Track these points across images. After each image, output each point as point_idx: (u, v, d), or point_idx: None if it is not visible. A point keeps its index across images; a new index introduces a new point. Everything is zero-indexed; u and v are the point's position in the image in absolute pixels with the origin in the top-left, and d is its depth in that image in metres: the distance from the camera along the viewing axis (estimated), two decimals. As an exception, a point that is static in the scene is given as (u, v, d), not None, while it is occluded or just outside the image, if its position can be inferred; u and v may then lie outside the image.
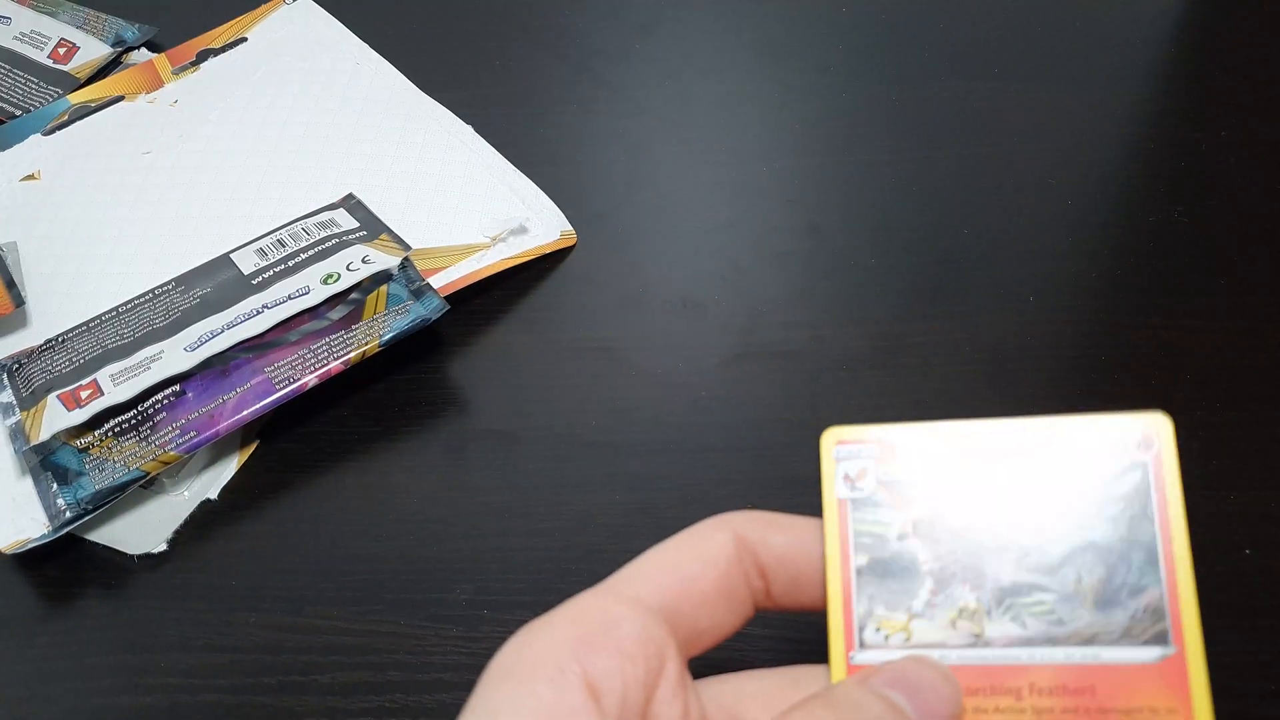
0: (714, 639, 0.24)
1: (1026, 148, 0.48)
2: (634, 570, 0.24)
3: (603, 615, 0.22)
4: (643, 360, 0.42)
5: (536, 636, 0.22)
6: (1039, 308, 0.43)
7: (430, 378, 0.42)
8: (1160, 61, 0.52)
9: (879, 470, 0.23)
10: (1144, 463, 0.22)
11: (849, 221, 0.46)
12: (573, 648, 0.21)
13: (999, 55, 0.53)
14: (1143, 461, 0.22)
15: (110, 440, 0.38)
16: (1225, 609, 0.34)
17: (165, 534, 0.38)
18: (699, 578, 0.23)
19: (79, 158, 0.51)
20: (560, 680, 0.20)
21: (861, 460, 0.23)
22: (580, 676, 0.21)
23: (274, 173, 0.49)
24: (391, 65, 0.54)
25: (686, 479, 0.39)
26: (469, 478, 0.39)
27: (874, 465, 0.23)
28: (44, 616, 0.37)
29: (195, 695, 0.35)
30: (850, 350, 0.42)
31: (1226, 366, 0.40)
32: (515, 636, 0.22)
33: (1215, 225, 0.45)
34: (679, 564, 0.23)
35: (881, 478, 0.23)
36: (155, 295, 0.42)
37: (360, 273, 0.41)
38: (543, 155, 0.49)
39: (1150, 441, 0.22)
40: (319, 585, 0.37)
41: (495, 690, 0.21)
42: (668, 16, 0.56)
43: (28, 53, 0.56)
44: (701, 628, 0.23)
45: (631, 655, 0.21)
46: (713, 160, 0.49)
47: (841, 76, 0.52)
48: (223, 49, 0.55)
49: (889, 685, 0.21)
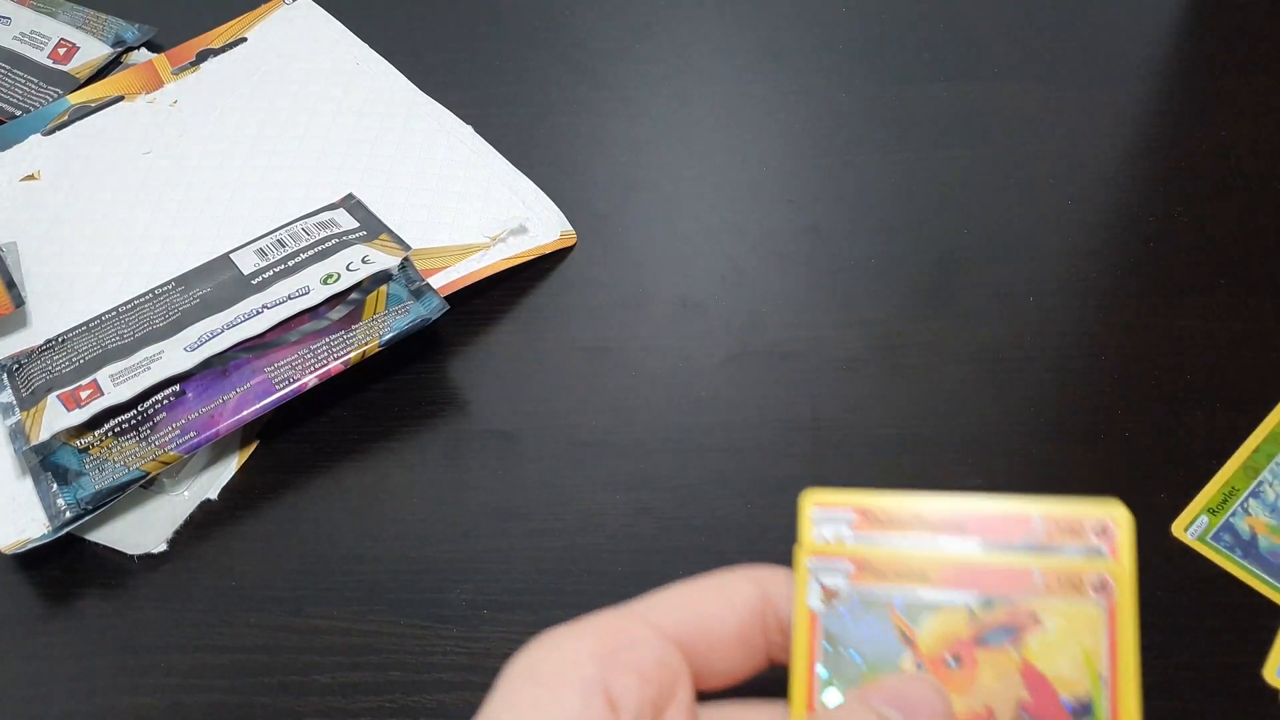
0: (727, 681, 0.24)
1: (1026, 148, 0.48)
2: (657, 600, 0.24)
3: (626, 634, 0.23)
4: (643, 360, 0.42)
5: (561, 645, 0.22)
6: (1039, 308, 0.43)
7: (430, 378, 0.42)
8: (1160, 61, 0.52)
9: (855, 581, 0.23)
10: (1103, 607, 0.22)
11: (849, 221, 0.46)
12: (597, 660, 0.22)
13: (999, 55, 0.53)
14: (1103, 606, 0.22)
15: (110, 440, 0.38)
16: (1226, 609, 0.34)
17: (165, 534, 0.39)
18: (719, 622, 0.24)
19: (79, 158, 0.51)
20: (586, 690, 0.21)
21: (835, 569, 0.23)
22: (603, 689, 0.21)
23: (274, 173, 0.49)
24: (391, 65, 0.54)
25: (686, 479, 0.39)
26: (469, 478, 0.39)
27: (845, 581, 0.23)
28: (44, 616, 0.37)
29: (195, 695, 0.35)
30: (850, 350, 0.42)
31: (1226, 366, 0.40)
32: (538, 641, 0.22)
33: (1215, 225, 0.45)
34: (701, 605, 0.24)
35: (857, 586, 0.23)
36: (155, 295, 0.42)
37: (360, 273, 0.41)
38: (543, 155, 0.49)
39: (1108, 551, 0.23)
40: (319, 585, 0.37)
41: (518, 692, 0.21)
42: (668, 16, 0.56)
43: (28, 53, 0.56)
44: (716, 669, 0.24)
45: (649, 677, 0.22)
46: (713, 160, 0.49)
47: (841, 76, 0.52)
48: (223, 49, 0.55)
49: (886, 702, 0.22)
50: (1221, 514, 0.36)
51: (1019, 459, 0.38)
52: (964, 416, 0.40)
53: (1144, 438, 0.38)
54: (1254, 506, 0.36)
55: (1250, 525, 0.36)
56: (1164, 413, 0.39)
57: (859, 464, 0.38)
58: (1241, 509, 0.36)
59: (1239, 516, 0.36)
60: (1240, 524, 0.36)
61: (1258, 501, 0.36)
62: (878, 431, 0.39)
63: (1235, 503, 0.36)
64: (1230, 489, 0.36)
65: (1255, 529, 0.36)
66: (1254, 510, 0.36)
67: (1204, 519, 0.36)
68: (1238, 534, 0.35)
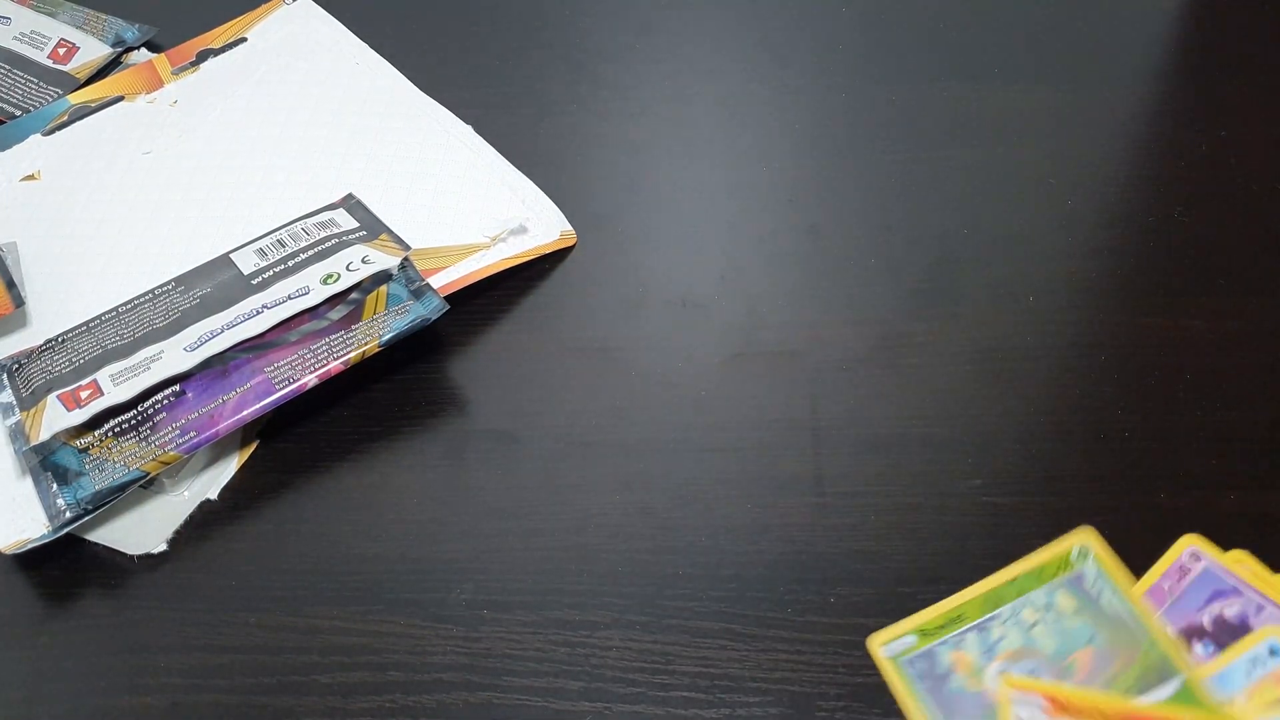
0: None
1: (1026, 148, 0.48)
2: None
3: None
4: (643, 360, 0.42)
5: None
6: (1039, 308, 0.43)
7: (430, 378, 0.42)
8: (1160, 61, 0.52)
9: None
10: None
11: (849, 221, 0.46)
12: None
13: (999, 56, 0.53)
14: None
15: (110, 440, 0.38)
16: None
17: (165, 534, 0.38)
18: None
19: (79, 158, 0.51)
20: None
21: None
22: None
23: (274, 173, 0.49)
24: (391, 65, 0.54)
25: (686, 479, 0.39)
26: (468, 478, 0.39)
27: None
28: (44, 616, 0.37)
29: (195, 695, 0.35)
30: (850, 350, 0.42)
31: (1226, 366, 0.40)
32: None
33: (1215, 225, 0.45)
34: None
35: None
36: (155, 295, 0.42)
37: (360, 273, 0.41)
38: (543, 155, 0.49)
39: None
40: (319, 585, 0.37)
41: None
42: (668, 16, 0.56)
43: (28, 53, 0.56)
44: None
45: None
46: (713, 160, 0.49)
47: (841, 76, 0.52)
48: (223, 49, 0.55)
49: None
50: (931, 639, 0.31)
51: (1019, 459, 0.38)
52: (964, 416, 0.40)
53: (1144, 438, 0.38)
54: (970, 641, 0.31)
55: (954, 660, 0.31)
56: (1164, 413, 0.39)
57: (859, 464, 0.38)
58: (955, 641, 0.31)
59: (948, 646, 0.31)
60: (944, 655, 0.31)
61: (977, 636, 0.31)
62: (878, 431, 0.39)
63: (954, 631, 0.31)
64: (959, 615, 0.31)
65: (956, 665, 0.31)
66: (968, 646, 0.31)
67: (910, 639, 0.31)
68: (934, 663, 0.31)
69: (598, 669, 0.34)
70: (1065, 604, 0.29)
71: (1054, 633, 0.29)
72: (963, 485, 0.38)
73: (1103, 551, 0.29)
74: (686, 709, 0.33)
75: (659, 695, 0.34)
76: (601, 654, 0.35)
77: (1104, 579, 0.29)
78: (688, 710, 0.33)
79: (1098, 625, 0.28)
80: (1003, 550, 0.36)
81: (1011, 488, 0.38)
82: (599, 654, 0.35)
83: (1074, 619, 0.29)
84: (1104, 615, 0.28)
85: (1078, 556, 0.29)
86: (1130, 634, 0.28)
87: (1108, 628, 0.28)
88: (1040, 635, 0.29)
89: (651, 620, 0.35)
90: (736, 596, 0.36)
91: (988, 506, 0.37)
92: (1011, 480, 0.38)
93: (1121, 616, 0.28)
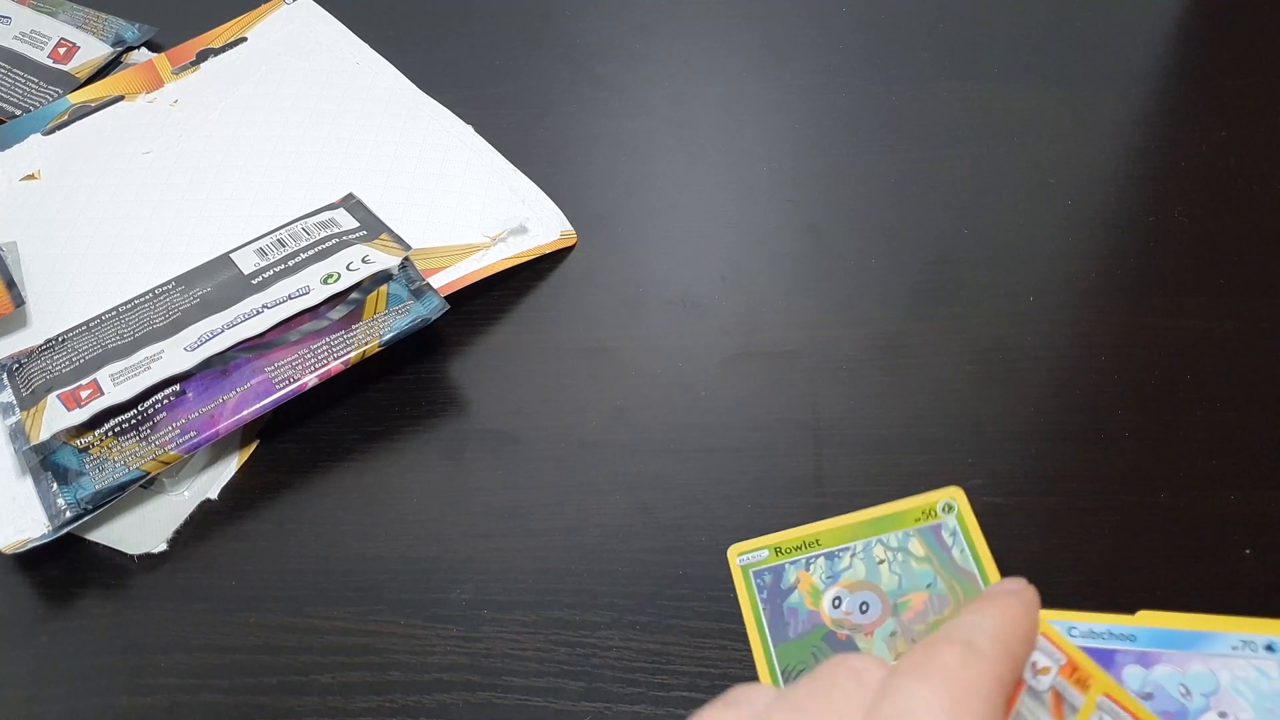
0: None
1: (1026, 148, 0.48)
2: None
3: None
4: (643, 360, 0.42)
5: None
6: (1039, 308, 0.43)
7: (430, 378, 0.42)
8: (1160, 61, 0.52)
9: None
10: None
11: (849, 221, 0.46)
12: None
13: (999, 55, 0.53)
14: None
15: (110, 440, 0.38)
16: (1225, 610, 0.34)
17: (165, 534, 0.39)
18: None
19: (79, 158, 0.51)
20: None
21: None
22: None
23: (274, 173, 0.49)
24: (391, 65, 0.54)
25: (686, 479, 0.39)
26: (468, 478, 0.39)
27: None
28: (44, 616, 0.37)
29: (195, 695, 0.35)
30: (850, 350, 0.42)
31: (1226, 366, 0.40)
32: None
33: (1215, 225, 0.45)
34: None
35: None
36: (155, 295, 0.42)
37: (360, 272, 0.41)
38: (543, 155, 0.49)
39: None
40: (319, 585, 0.37)
41: None
42: (668, 16, 0.56)
43: (28, 53, 0.56)
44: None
45: None
46: (713, 160, 0.49)
47: (841, 76, 0.52)
48: (223, 49, 0.55)
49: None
50: (783, 557, 0.33)
51: (1019, 459, 0.38)
52: (964, 416, 0.40)
53: (1144, 438, 0.38)
54: (818, 566, 0.32)
55: (798, 578, 0.32)
56: (1164, 413, 0.39)
57: (859, 464, 0.38)
58: (805, 562, 0.32)
59: (796, 566, 0.32)
60: (790, 573, 0.32)
61: (825, 562, 0.32)
62: (878, 431, 0.39)
63: (805, 554, 0.32)
64: (815, 540, 0.33)
65: (799, 584, 0.32)
66: (814, 569, 0.32)
67: (764, 553, 0.33)
68: (779, 578, 0.32)
69: (598, 669, 0.34)
70: (917, 549, 0.30)
71: (897, 572, 0.30)
72: (963, 485, 0.38)
73: (967, 511, 0.30)
74: (686, 709, 0.33)
75: (659, 695, 0.34)
76: (601, 654, 0.35)
77: (961, 536, 0.30)
78: (688, 710, 0.33)
79: (940, 574, 0.30)
80: (1002, 550, 0.36)
81: (1011, 488, 0.38)
82: (599, 654, 0.35)
83: (920, 564, 0.30)
84: (951, 567, 0.30)
85: (943, 509, 0.31)
86: (970, 589, 0.29)
87: (950, 578, 0.30)
88: (884, 572, 0.31)
89: (651, 620, 0.35)
90: (737, 597, 0.36)
91: (988, 506, 0.37)
92: (1011, 480, 0.38)
93: (969, 571, 0.30)
